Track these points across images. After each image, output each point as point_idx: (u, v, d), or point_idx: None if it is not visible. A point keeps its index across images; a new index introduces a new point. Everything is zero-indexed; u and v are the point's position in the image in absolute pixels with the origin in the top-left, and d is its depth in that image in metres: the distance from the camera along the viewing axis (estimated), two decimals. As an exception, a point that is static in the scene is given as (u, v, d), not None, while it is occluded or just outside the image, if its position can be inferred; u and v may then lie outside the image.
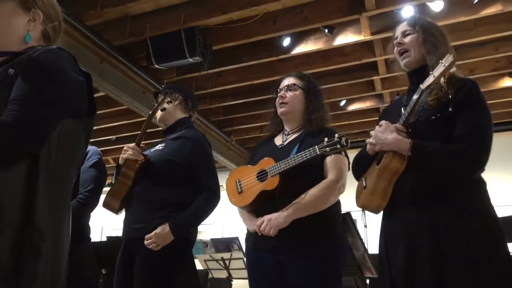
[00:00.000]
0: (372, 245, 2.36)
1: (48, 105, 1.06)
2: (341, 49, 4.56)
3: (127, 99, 4.53)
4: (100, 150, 2.83)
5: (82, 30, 3.76)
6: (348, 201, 2.00)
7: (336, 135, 1.69)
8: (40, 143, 1.05)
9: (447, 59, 1.45)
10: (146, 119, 2.20)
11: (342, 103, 5.80)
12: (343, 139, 1.66)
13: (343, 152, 1.79)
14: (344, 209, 1.94)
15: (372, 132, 1.59)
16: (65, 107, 1.12)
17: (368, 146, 1.61)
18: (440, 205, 1.44)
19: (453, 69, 1.48)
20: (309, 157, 1.70)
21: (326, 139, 1.69)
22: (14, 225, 0.99)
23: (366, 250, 2.17)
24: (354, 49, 4.55)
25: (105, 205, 2.08)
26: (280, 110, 1.99)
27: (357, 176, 1.71)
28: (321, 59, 4.69)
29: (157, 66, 4.14)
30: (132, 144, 2.09)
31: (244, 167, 1.98)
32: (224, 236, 6.39)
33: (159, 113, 2.23)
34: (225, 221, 7.43)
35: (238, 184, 1.91)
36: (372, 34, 4.05)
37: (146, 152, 2.15)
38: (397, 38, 1.70)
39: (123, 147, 2.12)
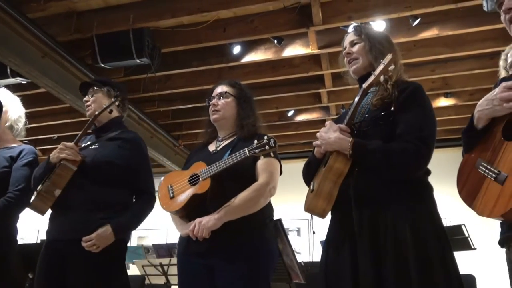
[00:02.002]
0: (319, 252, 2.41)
1: None
2: (290, 61, 4.68)
3: (70, 97, 4.37)
4: (40, 149, 2.71)
5: (23, 22, 3.59)
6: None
7: (265, 137, 1.73)
8: None
9: (386, 58, 1.49)
10: (92, 118, 2.12)
11: (290, 113, 5.93)
12: (272, 140, 1.70)
13: (272, 153, 1.81)
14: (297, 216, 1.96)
15: (317, 134, 1.60)
16: None
17: (315, 149, 1.62)
18: (382, 207, 1.44)
19: (392, 67, 1.50)
20: (239, 159, 1.73)
21: (255, 141, 1.73)
22: None
23: (295, 256, 2.22)
24: (302, 62, 4.68)
25: (33, 207, 1.98)
26: (212, 117, 2.02)
27: (307, 181, 1.70)
28: (270, 69, 4.79)
29: (103, 65, 4.04)
30: (71, 143, 2.01)
31: (176, 172, 1.99)
32: (169, 242, 6.28)
33: (92, 108, 2.17)
34: (169, 226, 7.30)
35: (170, 189, 1.91)
36: (319, 48, 4.20)
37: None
38: (345, 48, 1.73)
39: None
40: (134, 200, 2.12)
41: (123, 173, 2.03)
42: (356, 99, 1.55)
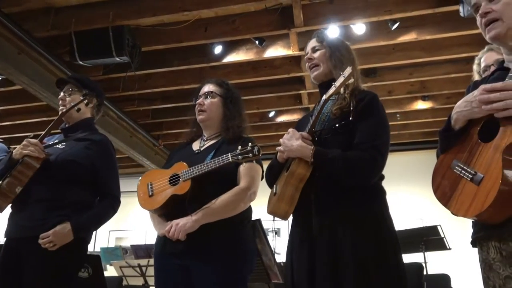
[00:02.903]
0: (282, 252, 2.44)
1: None
2: (271, 62, 4.70)
3: (46, 94, 4.28)
4: (15, 148, 2.65)
5: (-2, 17, 3.51)
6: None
7: (250, 144, 1.72)
8: None
9: (346, 71, 1.56)
10: (59, 116, 2.10)
11: (271, 114, 5.95)
12: (256, 148, 1.70)
13: (255, 161, 1.82)
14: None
15: (281, 140, 1.65)
16: None
17: (278, 154, 1.67)
18: (341, 211, 1.51)
19: (351, 80, 1.58)
20: (221, 163, 1.72)
21: (240, 147, 1.72)
22: None
23: (274, 256, 2.23)
24: (283, 63, 4.70)
25: None
26: (198, 117, 2.01)
27: (270, 183, 1.76)
28: (251, 70, 4.79)
29: (81, 63, 3.96)
30: (35, 140, 1.97)
31: (157, 170, 1.97)
32: (147, 243, 6.21)
33: (66, 109, 2.13)
34: (148, 227, 7.23)
35: (149, 187, 1.89)
36: (300, 49, 4.21)
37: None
38: (307, 53, 1.78)
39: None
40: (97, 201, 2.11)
41: (86, 173, 2.01)
42: (318, 108, 1.61)
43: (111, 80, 4.72)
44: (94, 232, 2.19)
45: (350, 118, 1.56)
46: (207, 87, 2.04)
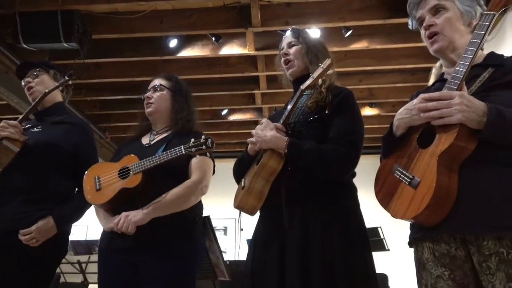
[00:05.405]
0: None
1: None
2: (226, 59, 4.69)
3: (-16, 77, 4.00)
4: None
5: None
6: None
7: (203, 136, 1.71)
8: None
9: (325, 62, 1.56)
10: (42, 96, 1.95)
11: (224, 112, 5.94)
12: (209, 140, 1.69)
13: (208, 154, 1.81)
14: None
15: (253, 131, 1.61)
16: None
17: (249, 146, 1.64)
18: (312, 204, 1.49)
19: (330, 71, 1.58)
20: (174, 156, 1.69)
21: (192, 139, 1.70)
22: None
23: (221, 253, 2.23)
24: (238, 61, 4.71)
25: None
26: (146, 110, 1.98)
27: (238, 178, 1.72)
28: (206, 66, 4.75)
29: (25, 46, 3.72)
30: (14, 122, 1.84)
31: (105, 163, 1.90)
32: (88, 238, 5.97)
33: (37, 90, 2.01)
34: (90, 222, 6.95)
35: (96, 180, 1.82)
36: (256, 49, 4.24)
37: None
38: (283, 49, 1.77)
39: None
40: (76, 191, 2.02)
41: (68, 159, 1.92)
42: (294, 100, 1.59)
43: (58, 67, 4.49)
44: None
45: (326, 112, 1.55)
46: (156, 81, 2.03)
